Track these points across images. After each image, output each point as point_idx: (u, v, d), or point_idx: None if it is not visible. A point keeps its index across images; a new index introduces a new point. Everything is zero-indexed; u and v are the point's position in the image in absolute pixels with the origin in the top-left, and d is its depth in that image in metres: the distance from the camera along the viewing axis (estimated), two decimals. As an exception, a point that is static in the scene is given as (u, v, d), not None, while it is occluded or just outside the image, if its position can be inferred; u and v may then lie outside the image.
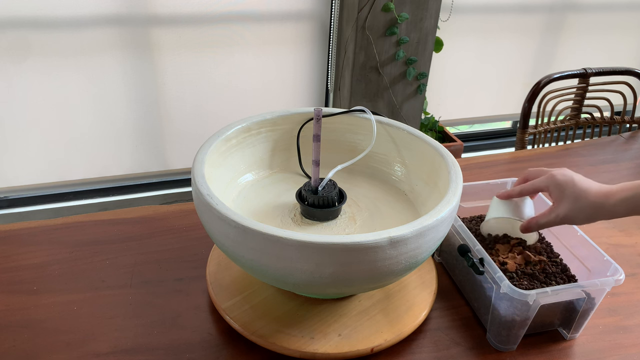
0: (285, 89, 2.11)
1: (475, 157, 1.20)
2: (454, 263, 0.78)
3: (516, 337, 0.67)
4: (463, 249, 0.71)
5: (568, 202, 0.66)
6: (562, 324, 0.70)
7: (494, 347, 0.68)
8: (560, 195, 0.67)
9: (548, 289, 0.63)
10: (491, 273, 0.66)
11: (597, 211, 0.64)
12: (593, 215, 0.65)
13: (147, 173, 2.09)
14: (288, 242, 0.54)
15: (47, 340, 0.66)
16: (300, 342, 0.65)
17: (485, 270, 0.67)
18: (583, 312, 0.67)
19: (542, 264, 0.71)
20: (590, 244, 0.72)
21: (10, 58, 1.71)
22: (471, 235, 0.72)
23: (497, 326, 0.67)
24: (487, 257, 0.68)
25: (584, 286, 0.64)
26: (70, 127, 1.89)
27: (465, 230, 0.73)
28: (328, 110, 0.82)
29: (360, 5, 1.84)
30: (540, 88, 1.46)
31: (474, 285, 0.73)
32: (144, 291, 0.74)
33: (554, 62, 2.50)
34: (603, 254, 0.70)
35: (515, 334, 0.67)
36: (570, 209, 0.66)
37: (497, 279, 0.65)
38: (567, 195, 0.66)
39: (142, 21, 1.79)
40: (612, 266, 0.67)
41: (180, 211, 0.92)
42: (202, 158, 0.68)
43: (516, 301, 0.63)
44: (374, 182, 0.82)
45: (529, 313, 0.64)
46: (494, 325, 0.67)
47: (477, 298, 0.72)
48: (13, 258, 0.79)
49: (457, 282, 0.78)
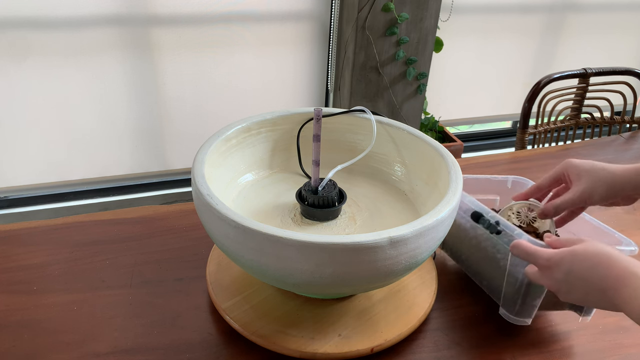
0: (285, 89, 2.11)
1: (475, 157, 1.20)
2: (459, 245, 0.78)
3: (531, 307, 0.66)
4: (477, 214, 0.71)
5: (586, 176, 0.65)
6: (572, 306, 0.69)
7: (508, 321, 0.68)
8: (578, 173, 0.66)
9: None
10: (509, 232, 0.66)
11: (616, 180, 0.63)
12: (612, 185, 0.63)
13: (147, 173, 2.10)
14: (288, 242, 0.54)
15: (47, 340, 0.66)
16: (300, 342, 0.65)
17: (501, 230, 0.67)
18: None
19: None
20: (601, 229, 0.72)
21: (10, 58, 1.71)
22: (482, 205, 0.72)
23: (512, 296, 0.67)
24: (502, 219, 0.68)
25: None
26: (70, 127, 1.89)
27: (475, 202, 0.73)
28: (328, 110, 0.82)
29: (360, 5, 1.84)
30: (540, 88, 1.46)
31: (485, 260, 0.72)
32: (144, 291, 0.74)
33: (554, 62, 2.50)
34: (614, 232, 0.69)
35: (530, 304, 0.66)
36: (588, 181, 0.65)
37: (515, 235, 0.65)
38: (586, 170, 0.65)
39: (142, 21, 1.79)
40: (625, 240, 0.68)
41: (180, 211, 0.92)
42: (202, 158, 0.68)
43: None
44: (374, 182, 0.82)
45: None
46: (509, 296, 0.67)
47: (489, 271, 0.72)
48: (13, 258, 0.79)
49: (465, 266, 0.78)
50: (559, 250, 0.57)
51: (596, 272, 0.53)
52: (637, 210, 0.99)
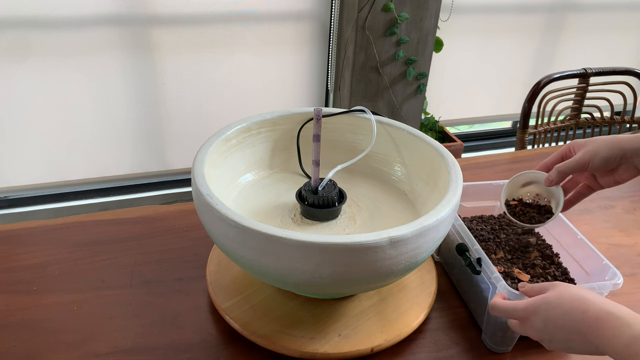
0: (285, 89, 2.11)
1: (475, 157, 1.20)
2: (453, 262, 0.78)
3: (511, 339, 0.67)
4: (461, 248, 0.71)
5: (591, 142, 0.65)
6: None
7: (489, 349, 0.68)
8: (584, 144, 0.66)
9: None
10: (488, 273, 0.66)
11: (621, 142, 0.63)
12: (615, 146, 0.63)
13: (147, 173, 2.10)
14: (288, 242, 0.54)
15: (47, 340, 0.66)
16: (300, 342, 0.65)
17: (482, 270, 0.67)
18: None
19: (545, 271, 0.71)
20: (589, 246, 0.71)
21: (10, 58, 1.71)
22: (470, 235, 0.72)
23: (492, 327, 0.67)
24: (484, 257, 0.67)
25: None
26: (70, 127, 1.89)
27: (464, 229, 0.73)
28: (328, 110, 0.82)
29: (360, 5, 1.84)
30: (540, 88, 1.46)
31: (470, 285, 0.73)
32: (144, 291, 0.74)
33: (554, 62, 2.50)
34: (602, 257, 0.69)
35: (510, 336, 0.66)
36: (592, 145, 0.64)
37: (493, 279, 0.64)
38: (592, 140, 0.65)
39: (142, 21, 1.79)
40: (611, 270, 0.66)
41: (180, 211, 0.92)
42: (202, 158, 0.68)
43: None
44: (374, 182, 0.82)
45: None
46: (490, 326, 0.67)
47: (473, 298, 0.72)
48: (13, 258, 0.79)
49: (455, 282, 0.78)
50: (534, 299, 0.56)
51: (571, 316, 0.52)
52: (637, 210, 0.99)
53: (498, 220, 0.83)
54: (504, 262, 0.73)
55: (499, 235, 0.78)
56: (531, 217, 0.73)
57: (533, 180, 0.74)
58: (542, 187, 0.73)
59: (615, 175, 0.67)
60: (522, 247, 0.76)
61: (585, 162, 0.65)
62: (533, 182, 0.75)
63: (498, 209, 0.86)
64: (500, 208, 0.85)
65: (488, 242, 0.77)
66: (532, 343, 0.68)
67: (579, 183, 0.73)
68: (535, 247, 0.76)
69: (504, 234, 0.79)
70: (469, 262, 0.68)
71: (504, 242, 0.77)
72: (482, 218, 0.83)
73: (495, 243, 0.77)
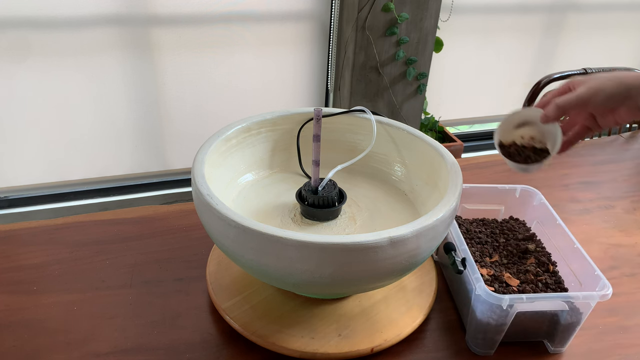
0: (285, 89, 2.11)
1: (475, 157, 1.20)
2: (446, 262, 0.78)
3: (492, 342, 0.66)
4: (448, 247, 0.70)
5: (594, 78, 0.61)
6: (547, 336, 0.68)
7: (471, 351, 0.67)
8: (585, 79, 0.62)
9: (523, 295, 0.61)
10: (470, 274, 0.65)
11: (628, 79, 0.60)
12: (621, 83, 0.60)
13: (147, 173, 2.10)
14: (288, 242, 0.54)
15: (47, 340, 0.66)
16: (300, 342, 0.65)
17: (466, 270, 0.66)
18: (568, 325, 0.65)
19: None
20: (584, 256, 0.70)
21: (10, 58, 1.71)
22: (460, 235, 0.71)
23: (474, 328, 0.66)
24: (469, 258, 0.67)
25: (564, 297, 0.62)
26: (70, 127, 1.89)
27: (455, 229, 0.73)
28: (328, 110, 0.82)
29: (360, 5, 1.84)
30: (540, 88, 1.46)
31: (459, 285, 0.73)
32: (144, 291, 0.74)
33: (554, 62, 2.50)
34: (594, 267, 0.67)
35: (490, 339, 0.65)
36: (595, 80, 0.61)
37: (474, 279, 0.64)
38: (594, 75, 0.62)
39: (142, 21, 1.79)
40: (602, 281, 0.65)
41: (180, 211, 0.92)
42: (202, 158, 0.68)
43: (492, 305, 0.62)
44: (374, 182, 0.82)
45: (505, 319, 0.63)
46: (472, 327, 0.67)
47: (460, 299, 0.72)
48: (13, 258, 0.79)
49: (448, 282, 0.78)
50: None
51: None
52: (637, 210, 0.99)
53: (500, 224, 0.83)
54: (497, 266, 0.73)
55: (497, 239, 0.78)
56: (527, 156, 0.68)
57: (528, 120, 0.68)
58: (538, 128, 0.68)
59: (616, 115, 0.64)
60: (520, 252, 0.76)
61: (588, 98, 0.60)
62: (528, 122, 0.68)
63: (502, 213, 0.85)
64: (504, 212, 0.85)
65: (485, 245, 0.77)
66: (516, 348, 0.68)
67: (575, 124, 0.68)
68: (533, 254, 0.76)
69: (504, 239, 0.79)
70: (452, 261, 0.67)
71: (502, 247, 0.77)
72: (484, 221, 0.83)
73: (492, 246, 0.77)
